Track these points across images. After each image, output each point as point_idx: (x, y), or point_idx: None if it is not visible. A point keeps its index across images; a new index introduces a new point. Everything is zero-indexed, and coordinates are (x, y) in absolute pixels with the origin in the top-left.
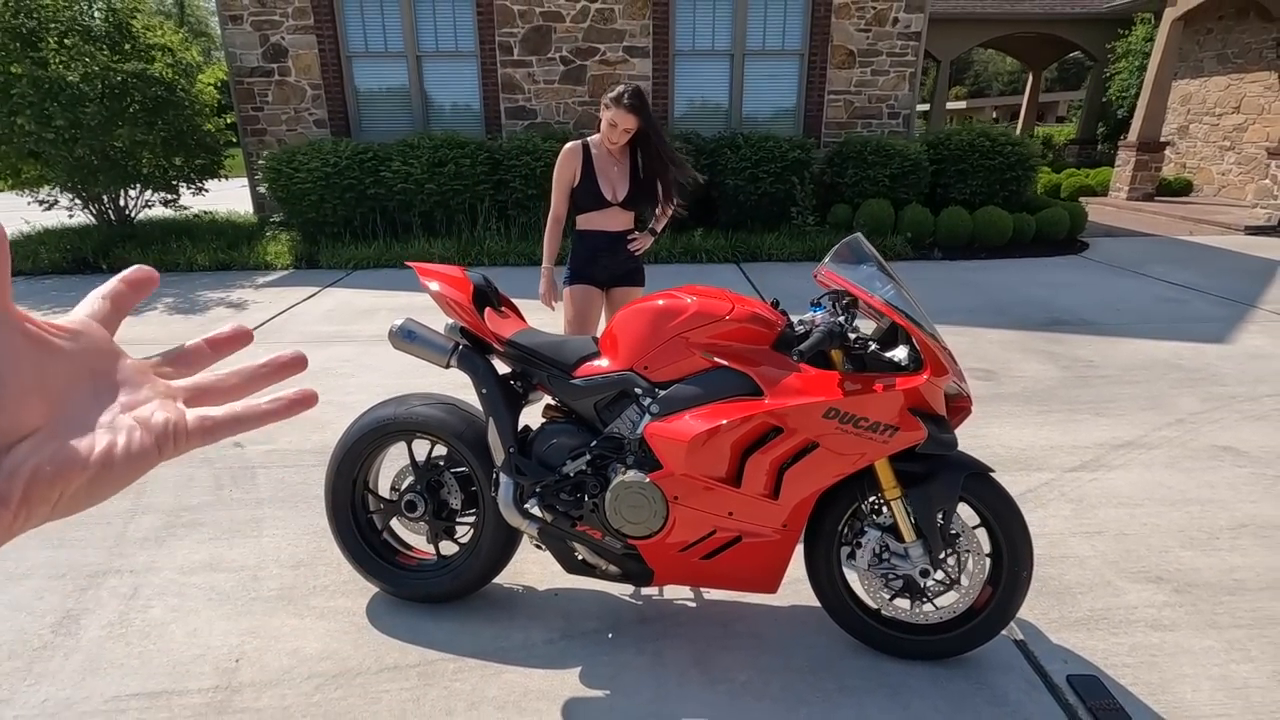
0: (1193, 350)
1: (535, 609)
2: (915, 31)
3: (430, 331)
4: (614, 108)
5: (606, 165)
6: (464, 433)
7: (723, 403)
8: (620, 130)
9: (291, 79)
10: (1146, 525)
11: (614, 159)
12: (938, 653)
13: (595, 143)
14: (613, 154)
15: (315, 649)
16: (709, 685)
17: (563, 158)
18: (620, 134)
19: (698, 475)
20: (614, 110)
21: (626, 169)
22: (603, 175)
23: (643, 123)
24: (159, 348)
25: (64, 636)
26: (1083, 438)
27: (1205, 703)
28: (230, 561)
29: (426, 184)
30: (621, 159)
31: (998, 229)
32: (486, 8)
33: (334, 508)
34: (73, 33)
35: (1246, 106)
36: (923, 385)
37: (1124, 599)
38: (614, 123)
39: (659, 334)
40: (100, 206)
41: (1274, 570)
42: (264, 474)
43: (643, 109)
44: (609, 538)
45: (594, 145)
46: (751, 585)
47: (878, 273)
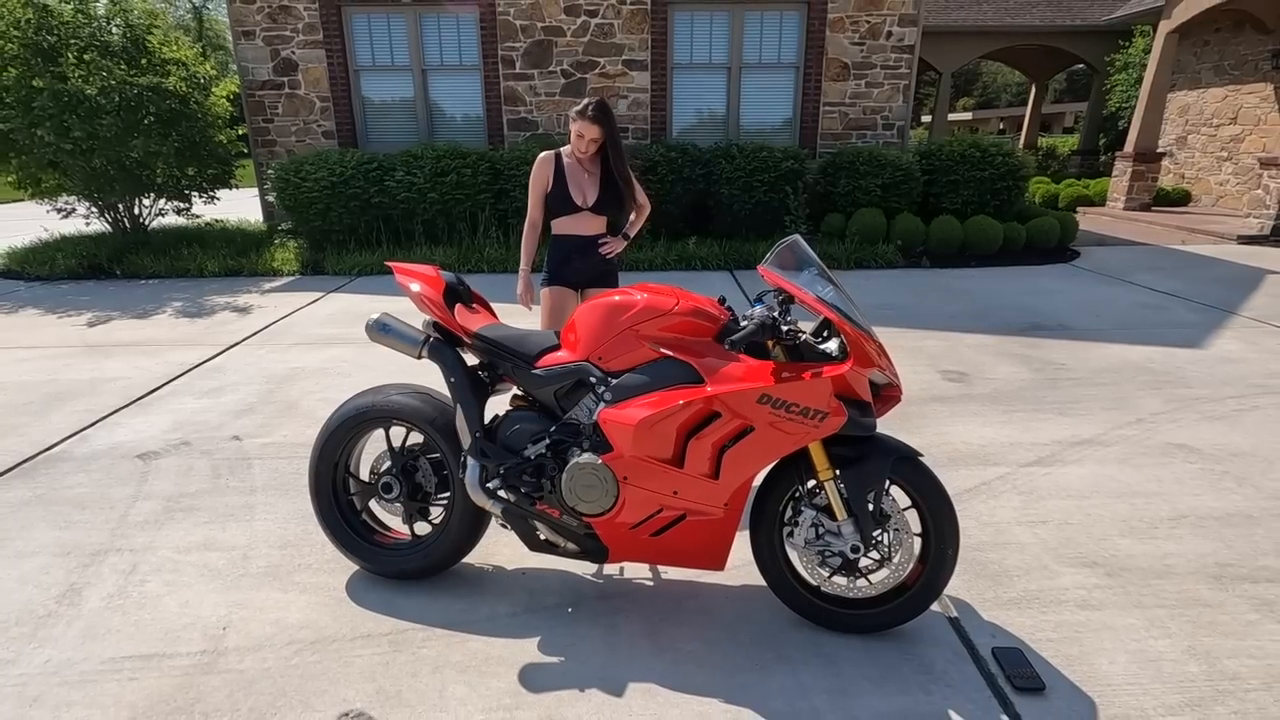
0: (1164, 354)
1: (502, 586)
2: (909, 45)
3: (404, 325)
4: (580, 120)
5: (577, 173)
6: (435, 419)
7: (668, 390)
8: (587, 140)
9: (301, 92)
10: (1090, 516)
11: (584, 168)
12: (872, 626)
13: (567, 153)
14: (583, 163)
15: (296, 619)
16: (657, 654)
17: (537, 167)
18: (587, 144)
19: (645, 457)
20: (580, 122)
21: (597, 177)
22: (574, 182)
23: (605, 132)
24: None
25: (67, 606)
26: (1043, 435)
27: (1119, 674)
28: (223, 542)
29: (429, 193)
30: (592, 168)
31: (988, 237)
32: (490, 23)
33: (317, 490)
34: (91, 48)
35: (1243, 117)
36: (848, 373)
37: (1057, 581)
38: (581, 133)
39: (611, 327)
40: (115, 214)
41: (1204, 556)
42: (259, 464)
43: (605, 120)
44: (566, 516)
45: (566, 155)
46: (700, 562)
47: (818, 276)
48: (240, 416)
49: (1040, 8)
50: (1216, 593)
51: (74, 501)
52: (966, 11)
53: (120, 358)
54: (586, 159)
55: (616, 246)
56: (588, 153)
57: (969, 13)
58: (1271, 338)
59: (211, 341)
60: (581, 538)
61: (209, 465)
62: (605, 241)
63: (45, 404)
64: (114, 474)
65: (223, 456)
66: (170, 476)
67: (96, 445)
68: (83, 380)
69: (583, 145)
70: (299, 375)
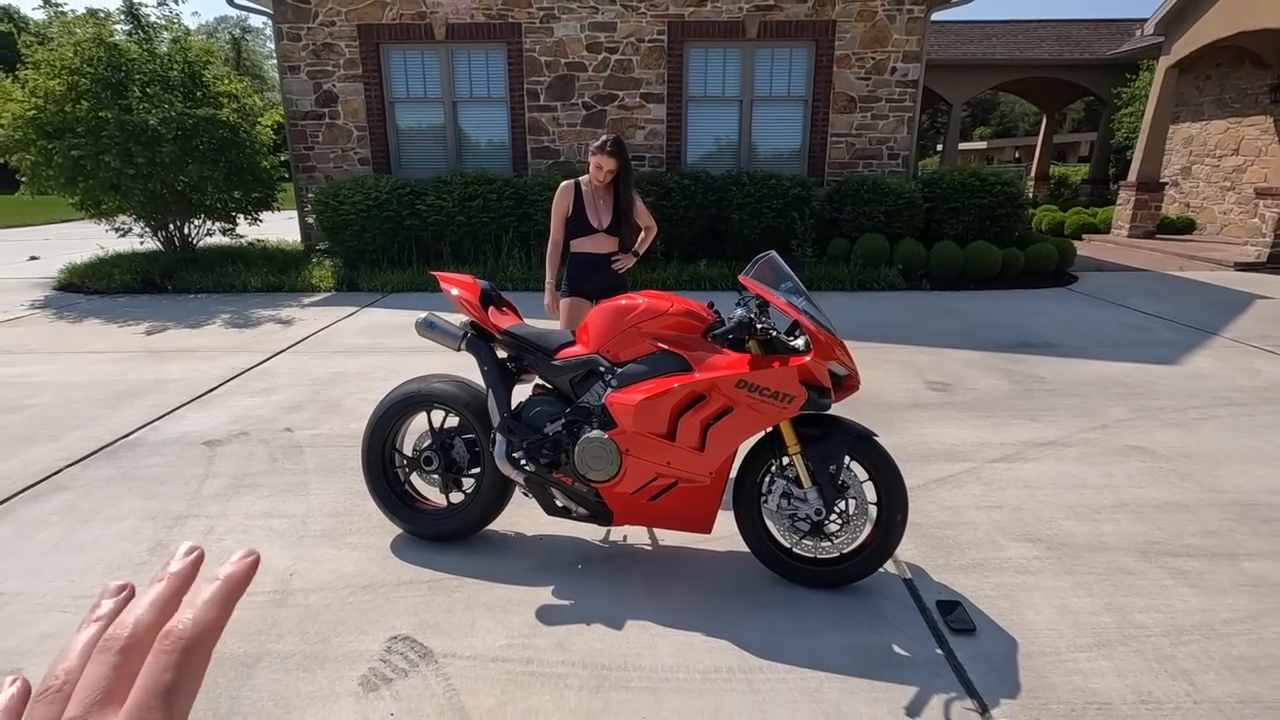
0: (1139, 370)
1: (523, 547)
2: (913, 80)
3: (446, 323)
4: (600, 154)
5: (593, 199)
6: (470, 403)
7: (663, 377)
8: (605, 171)
9: (340, 122)
10: (1041, 502)
11: (600, 195)
12: (835, 581)
13: (584, 181)
14: (598, 190)
15: (350, 569)
16: (652, 600)
17: (559, 194)
18: (605, 174)
19: (643, 432)
20: (599, 156)
21: (610, 203)
22: (590, 207)
23: (620, 164)
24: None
25: (158, 557)
26: (1011, 437)
27: (1042, 622)
28: (284, 511)
29: (457, 216)
30: (606, 195)
31: (986, 262)
32: (516, 58)
33: (368, 463)
34: (154, 82)
35: (1245, 149)
36: (810, 363)
37: (1002, 553)
38: (600, 165)
39: (618, 326)
40: (167, 234)
41: (1136, 536)
42: (310, 451)
43: (621, 154)
44: (578, 483)
45: (584, 183)
46: (690, 525)
47: (792, 288)
48: (290, 412)
49: (1049, 43)
50: (1140, 564)
51: (154, 478)
52: (977, 46)
53: (179, 362)
54: (601, 187)
55: (627, 263)
56: (605, 182)
57: (979, 47)
58: (1245, 356)
59: (260, 349)
60: (591, 502)
61: (266, 451)
62: (617, 259)
63: (117, 400)
64: (185, 457)
65: (277, 445)
66: (233, 460)
67: (167, 434)
68: (148, 380)
69: (601, 175)
70: (340, 379)
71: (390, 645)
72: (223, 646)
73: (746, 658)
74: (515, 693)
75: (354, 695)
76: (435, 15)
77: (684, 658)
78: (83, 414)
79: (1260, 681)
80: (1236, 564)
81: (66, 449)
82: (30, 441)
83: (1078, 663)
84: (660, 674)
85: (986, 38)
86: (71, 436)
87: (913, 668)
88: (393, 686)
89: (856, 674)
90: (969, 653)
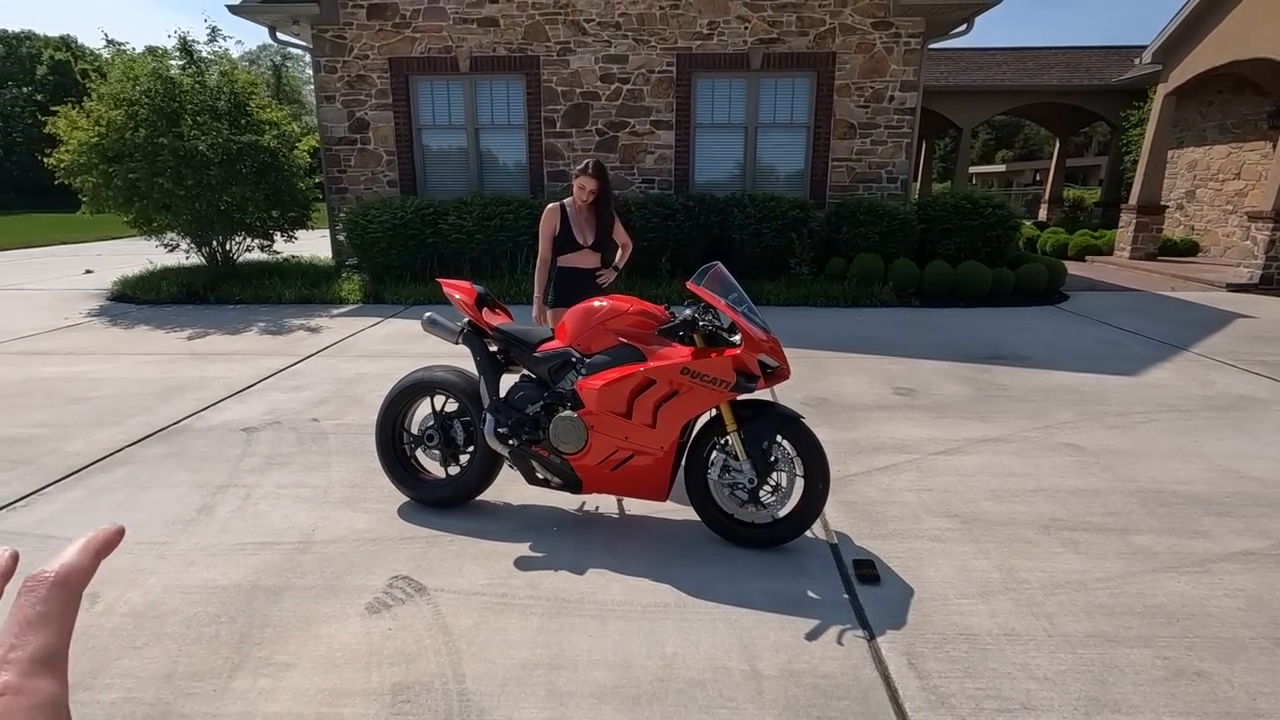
0: (1097, 380)
1: (508, 514)
2: (910, 107)
3: (446, 321)
4: (582, 176)
5: (578, 219)
6: (466, 389)
7: (622, 366)
8: (587, 191)
9: (371, 147)
10: (968, 487)
11: (583, 214)
12: (768, 540)
13: (569, 203)
14: (581, 210)
15: (362, 526)
16: (610, 554)
17: (546, 214)
18: (587, 194)
19: (606, 412)
20: (582, 178)
21: (593, 222)
22: (575, 226)
23: (600, 185)
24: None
25: (204, 515)
26: (958, 434)
27: (939, 577)
28: (309, 483)
29: (476, 234)
30: (589, 215)
31: (976, 281)
32: (535, 88)
33: (380, 441)
34: (204, 111)
35: (1246, 173)
36: (741, 354)
37: (921, 525)
38: (582, 186)
39: (587, 323)
40: (211, 249)
41: (1043, 515)
42: (334, 437)
43: (602, 176)
44: (553, 456)
45: (569, 205)
46: (647, 492)
47: (740, 296)
48: (317, 406)
49: (1058, 69)
50: (1040, 535)
51: (200, 456)
52: (986, 73)
53: (219, 363)
54: (585, 207)
55: (609, 277)
56: (587, 202)
57: (989, 74)
58: (1204, 370)
59: (292, 353)
60: (564, 472)
61: (296, 437)
62: (601, 273)
63: (166, 393)
64: (226, 440)
65: (305, 432)
66: (267, 443)
67: (211, 422)
68: (193, 378)
69: (584, 195)
70: (363, 379)
71: (392, 582)
72: (255, 580)
73: (682, 596)
74: (490, 617)
75: (360, 616)
76: (460, 50)
77: (630, 595)
78: (138, 404)
79: (1109, 623)
80: (1125, 538)
81: (126, 432)
82: (96, 426)
83: (960, 607)
84: (609, 607)
85: (996, 64)
86: (130, 422)
87: (820, 608)
88: (392, 611)
89: (772, 611)
90: (870, 598)
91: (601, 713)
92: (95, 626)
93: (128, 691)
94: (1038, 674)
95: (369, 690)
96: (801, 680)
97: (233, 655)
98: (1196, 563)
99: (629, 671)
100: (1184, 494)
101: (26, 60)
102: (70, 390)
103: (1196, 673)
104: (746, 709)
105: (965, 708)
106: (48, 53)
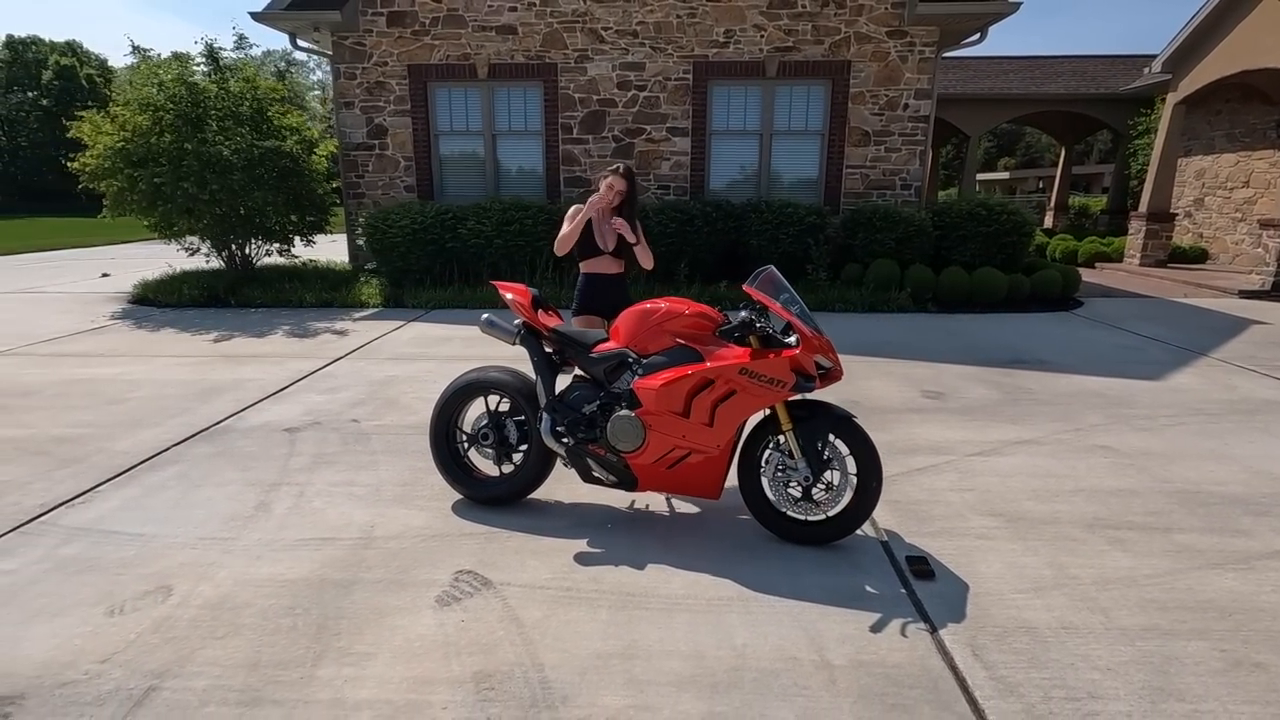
0: (1122, 385)
1: (561, 511)
2: (924, 115)
3: (504, 322)
4: (612, 175)
5: (601, 224)
6: (520, 389)
7: (680, 367)
8: (615, 192)
9: (389, 153)
10: (1008, 487)
11: (607, 220)
12: (821, 538)
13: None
14: (605, 215)
15: (419, 523)
16: (668, 550)
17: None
18: (615, 195)
19: (663, 411)
20: (612, 177)
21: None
22: (598, 231)
23: (629, 189)
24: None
25: (262, 512)
26: (992, 436)
27: (991, 573)
28: (360, 481)
29: (495, 240)
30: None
31: (992, 287)
32: (552, 95)
33: (435, 439)
34: (227, 117)
35: (1255, 181)
36: (799, 355)
37: (967, 524)
38: (611, 185)
39: (644, 325)
40: (230, 253)
41: (1086, 514)
42: (376, 438)
43: (631, 180)
44: (609, 454)
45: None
46: (702, 490)
47: (791, 297)
48: (354, 407)
49: (1065, 78)
50: (1085, 534)
51: (247, 455)
52: (994, 81)
53: (251, 365)
54: (608, 211)
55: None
56: (614, 203)
57: (996, 82)
58: (1226, 375)
59: (320, 355)
60: (620, 470)
61: (339, 437)
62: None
63: (203, 395)
64: (270, 440)
65: (347, 432)
66: (311, 443)
67: (252, 422)
68: (227, 380)
69: (611, 195)
70: (394, 381)
71: (457, 576)
72: (323, 574)
73: (743, 591)
74: (558, 610)
75: (432, 608)
76: (478, 57)
77: (693, 590)
78: (177, 406)
79: (1163, 617)
80: (1169, 536)
81: (169, 432)
82: (138, 426)
83: (1015, 601)
84: (673, 600)
85: (1004, 73)
86: (171, 423)
87: (879, 602)
88: (461, 604)
89: (833, 605)
90: (927, 592)
91: (682, 700)
92: (173, 617)
93: (215, 679)
94: (1100, 665)
95: (452, 678)
96: (871, 670)
97: (313, 645)
98: (1241, 560)
99: (702, 661)
100: (1221, 494)
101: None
102: (107, 391)
103: (1255, 664)
104: (821, 696)
105: (1034, 695)
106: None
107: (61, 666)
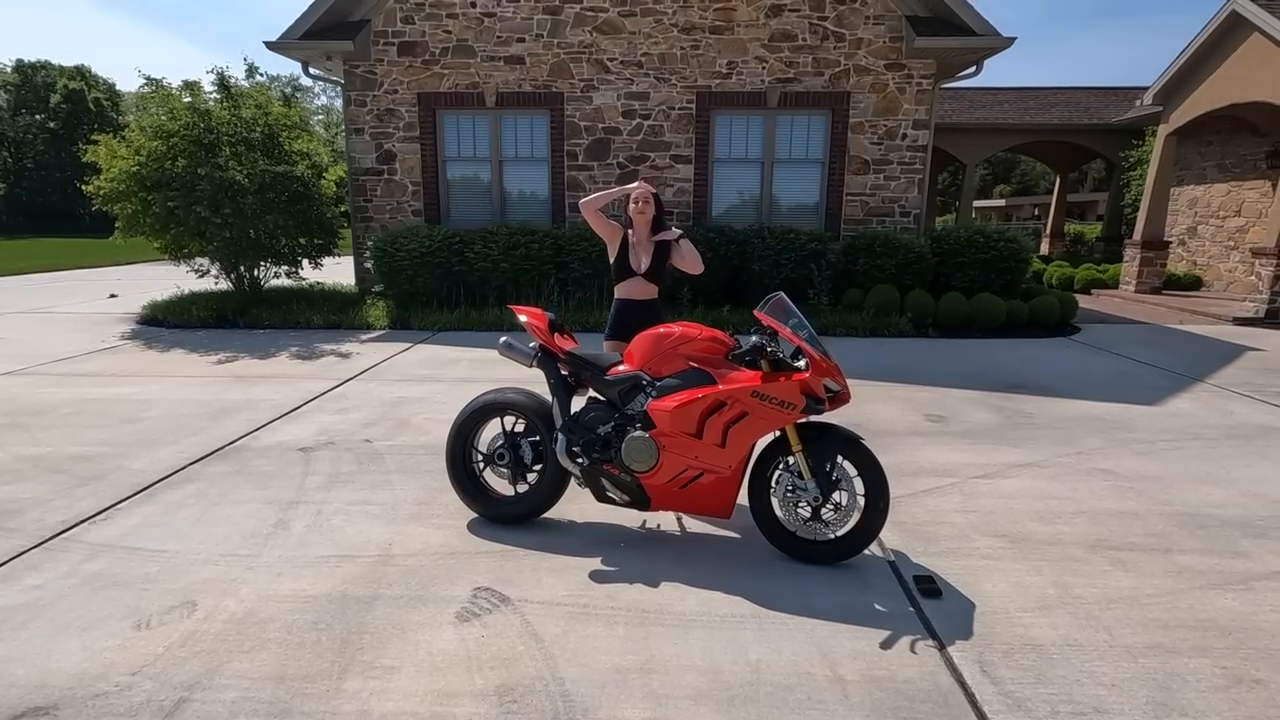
0: (1121, 409)
1: (575, 530)
2: (922, 145)
3: (521, 345)
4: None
5: (636, 246)
6: (536, 410)
7: (693, 389)
8: (642, 203)
9: (397, 178)
10: (1011, 509)
11: (643, 242)
12: (830, 556)
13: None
14: (640, 235)
15: (437, 541)
16: (681, 567)
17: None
18: (641, 206)
19: (677, 432)
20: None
21: (650, 250)
22: (633, 253)
23: (656, 210)
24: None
25: (281, 530)
26: (993, 459)
27: (997, 592)
28: (376, 500)
29: (502, 263)
30: (647, 243)
31: (991, 312)
32: (558, 123)
33: (451, 458)
34: (240, 142)
35: (1246, 210)
36: (809, 378)
37: (972, 544)
38: (635, 199)
39: (658, 349)
40: (239, 275)
41: (1088, 535)
42: (389, 457)
43: (659, 201)
44: (623, 474)
45: (630, 233)
46: (714, 509)
47: (800, 322)
48: (367, 427)
49: (1059, 108)
50: (1087, 554)
51: (263, 474)
52: (989, 111)
53: (263, 386)
54: (644, 234)
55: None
56: (646, 223)
57: (991, 112)
58: (1223, 400)
59: (330, 376)
60: (633, 490)
61: (353, 457)
62: (653, 303)
63: (217, 415)
64: (285, 459)
65: (361, 452)
66: (326, 462)
67: (266, 442)
68: (239, 400)
69: (638, 207)
70: (405, 402)
71: (476, 592)
72: (344, 590)
73: (756, 608)
74: (576, 625)
75: (453, 624)
76: (487, 86)
77: (707, 606)
78: (191, 425)
79: (1166, 635)
80: (1169, 557)
81: (185, 451)
82: (154, 445)
83: (1021, 619)
84: (688, 617)
85: (999, 103)
86: (187, 442)
87: (888, 619)
88: (481, 619)
89: (843, 622)
90: (935, 610)
91: (700, 713)
92: (200, 631)
93: (244, 691)
94: (1104, 681)
95: (474, 691)
96: (883, 685)
97: (338, 659)
98: (1240, 580)
99: (719, 676)
100: (1220, 517)
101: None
102: (121, 410)
103: (1254, 680)
104: (836, 710)
105: (1041, 710)
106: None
107: (93, 679)
